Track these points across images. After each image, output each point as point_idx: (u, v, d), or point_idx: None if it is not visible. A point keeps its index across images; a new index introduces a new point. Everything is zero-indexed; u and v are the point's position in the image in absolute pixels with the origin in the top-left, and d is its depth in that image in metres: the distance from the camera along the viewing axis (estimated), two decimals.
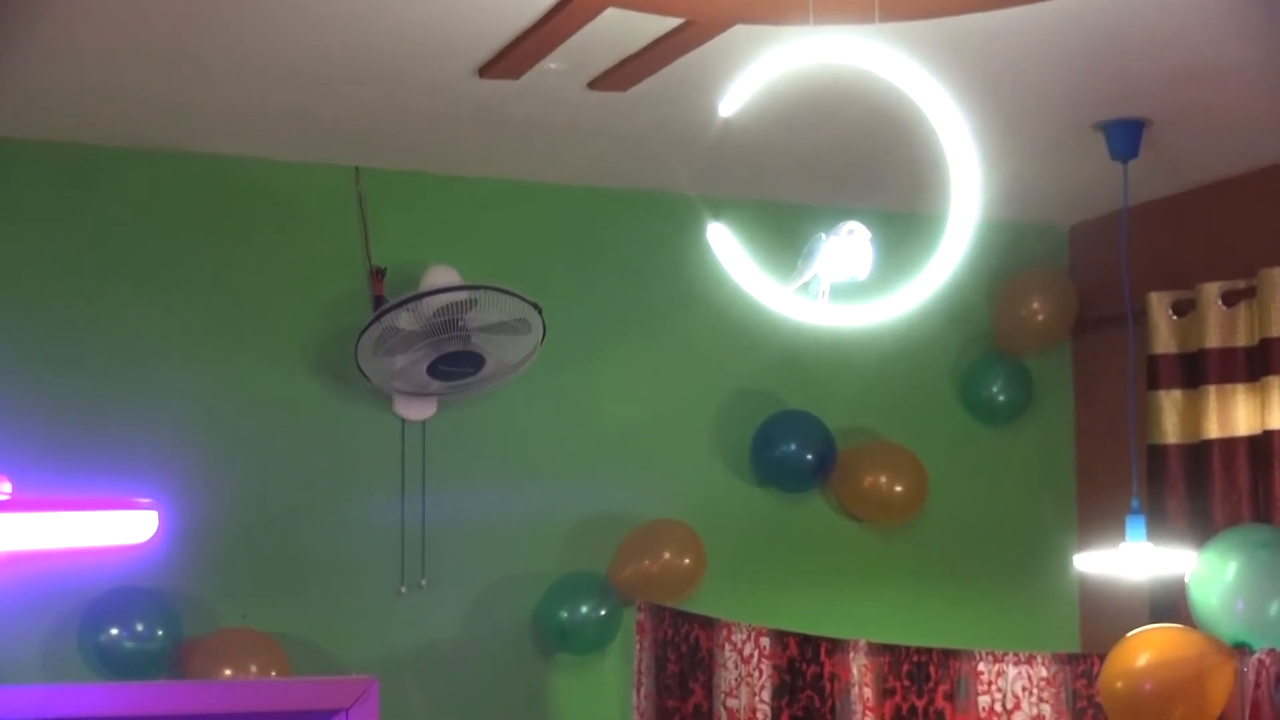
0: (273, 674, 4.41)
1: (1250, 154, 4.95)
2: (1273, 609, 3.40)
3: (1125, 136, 4.60)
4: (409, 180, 5.03)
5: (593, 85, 4.09)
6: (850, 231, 3.13)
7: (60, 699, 2.72)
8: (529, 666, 5.10)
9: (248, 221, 4.89)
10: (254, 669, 4.38)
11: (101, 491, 1.74)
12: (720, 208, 4.46)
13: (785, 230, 4.45)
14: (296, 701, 2.72)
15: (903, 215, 4.94)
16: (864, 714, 4.13)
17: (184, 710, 2.70)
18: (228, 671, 4.41)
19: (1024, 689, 3.75)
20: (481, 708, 5.03)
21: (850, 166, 4.83)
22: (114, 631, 4.53)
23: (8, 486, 1.47)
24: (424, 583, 4.95)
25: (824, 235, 3.16)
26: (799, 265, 3.20)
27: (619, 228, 5.27)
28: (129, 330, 4.71)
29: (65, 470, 4.09)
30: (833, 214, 3.71)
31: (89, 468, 4.33)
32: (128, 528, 1.47)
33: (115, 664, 4.49)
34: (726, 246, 3.23)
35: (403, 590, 4.94)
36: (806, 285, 3.19)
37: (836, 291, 3.21)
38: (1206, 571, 3.49)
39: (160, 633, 4.55)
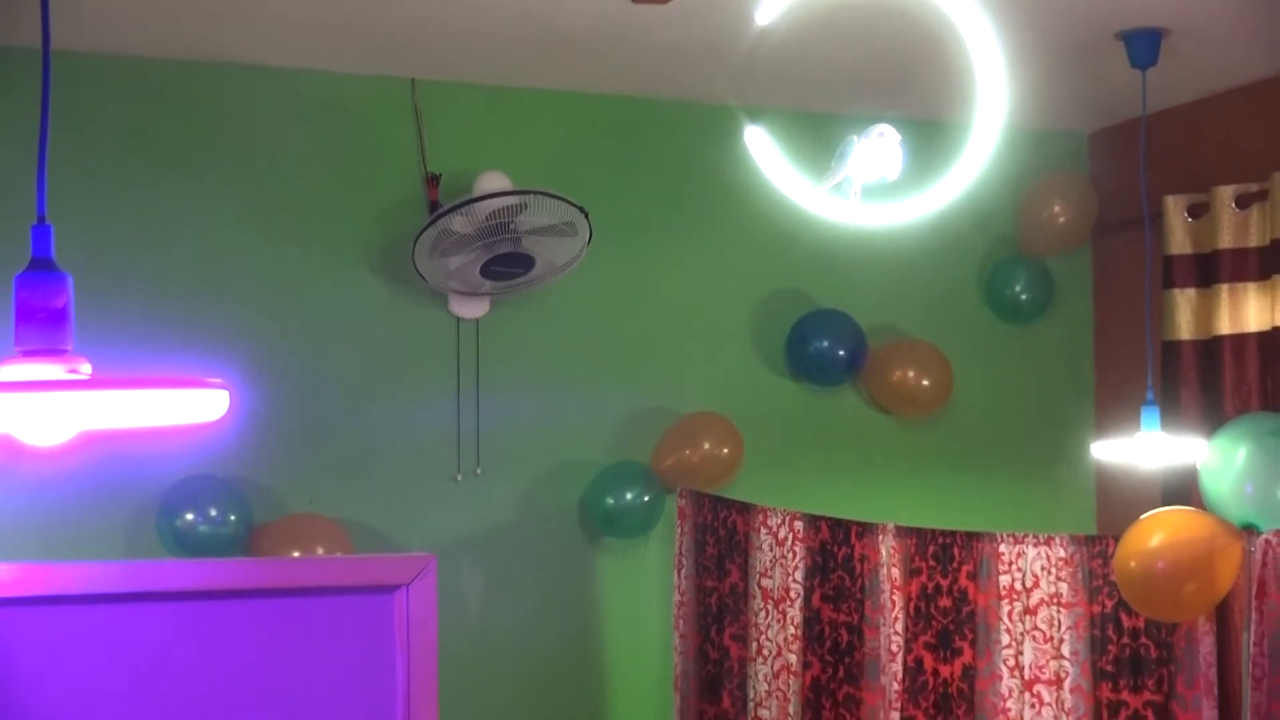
0: (337, 555, 4.47)
1: (1264, 63, 4.90)
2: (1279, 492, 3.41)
3: (1145, 45, 4.57)
4: (462, 91, 5.03)
5: (636, 1, 4.07)
6: (881, 134, 3.12)
7: (144, 573, 2.76)
8: (577, 549, 5.14)
9: (312, 131, 4.89)
10: (320, 551, 4.44)
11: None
12: (756, 115, 4.44)
13: (818, 138, 4.44)
14: (361, 577, 2.76)
15: (931, 123, 4.91)
16: (891, 593, 4.15)
17: (257, 584, 2.73)
18: (296, 554, 4.46)
19: (1043, 568, 3.76)
20: (532, 587, 5.08)
21: (881, 75, 4.80)
22: (190, 517, 4.57)
23: (88, 367, 1.48)
24: (478, 471, 4.99)
25: (855, 138, 3.16)
26: (831, 166, 3.20)
27: (661, 136, 5.26)
28: (201, 233, 4.74)
29: (142, 364, 4.13)
30: (864, 122, 3.70)
31: (164, 363, 4.37)
32: (201, 405, 1.49)
33: (191, 547, 4.54)
34: (763, 150, 3.23)
35: (458, 478, 4.98)
36: (839, 185, 3.19)
37: (867, 192, 3.21)
38: (1217, 458, 3.49)
39: (233, 518, 4.60)
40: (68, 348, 1.49)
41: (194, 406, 1.53)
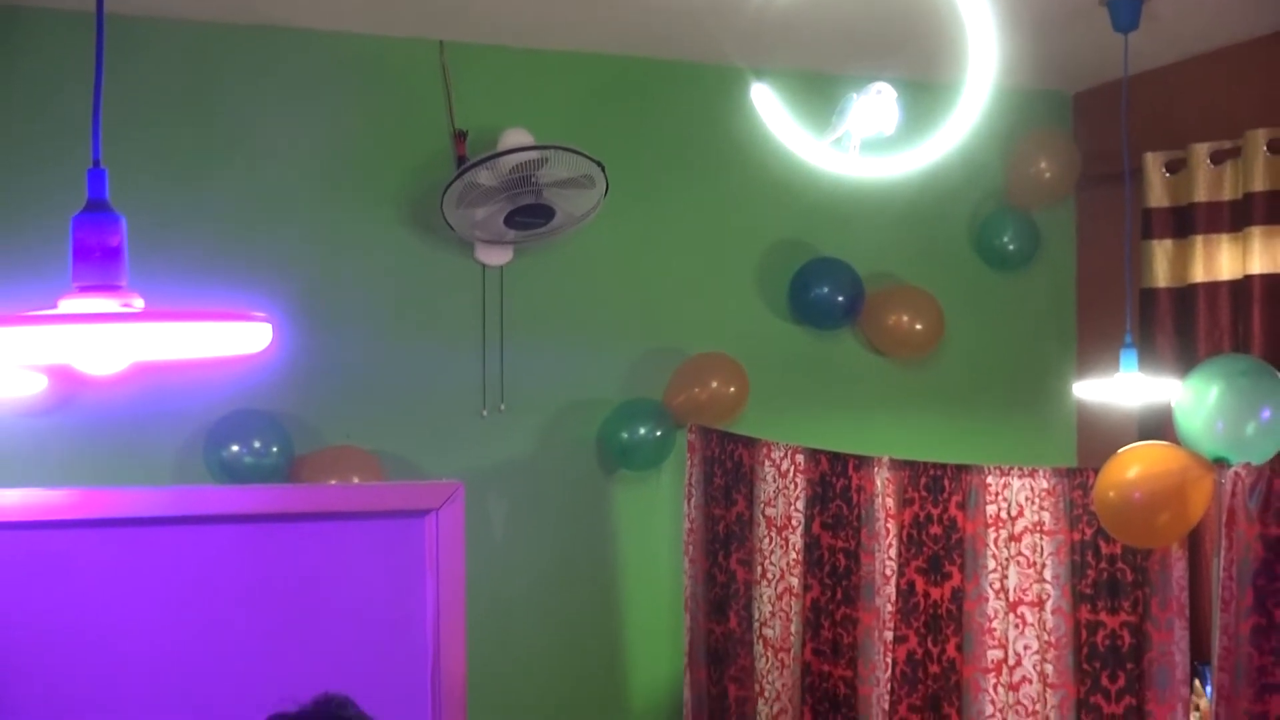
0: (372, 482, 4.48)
1: (1238, 28, 4.88)
2: (1249, 428, 3.40)
3: (1127, 10, 4.54)
4: (487, 53, 5.01)
5: None
6: (879, 91, 3.12)
7: (194, 498, 2.77)
8: (593, 481, 5.16)
9: (347, 90, 4.89)
10: (356, 480, 4.45)
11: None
12: (762, 75, 4.42)
13: (820, 96, 4.43)
14: (395, 502, 2.77)
15: (925, 83, 4.88)
16: (886, 521, 4.16)
17: (298, 509, 2.74)
18: (334, 483, 4.48)
19: (1027, 499, 3.77)
20: (552, 515, 5.10)
21: (879, 37, 4.77)
22: (235, 448, 4.59)
23: (140, 301, 1.48)
24: (502, 407, 5.00)
25: (855, 95, 3.15)
26: (832, 122, 3.19)
27: (673, 94, 5.24)
28: (244, 184, 4.74)
29: (190, 303, 4.14)
30: (863, 81, 3.69)
31: (210, 303, 4.38)
32: (245, 338, 1.49)
33: (236, 477, 4.55)
34: (768, 106, 3.22)
35: (484, 413, 4.99)
36: (839, 140, 3.19)
37: (866, 146, 3.20)
38: (1190, 396, 3.48)
39: (275, 449, 4.61)
40: (121, 284, 1.49)
41: (238, 339, 1.53)
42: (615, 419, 5.09)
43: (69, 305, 1.47)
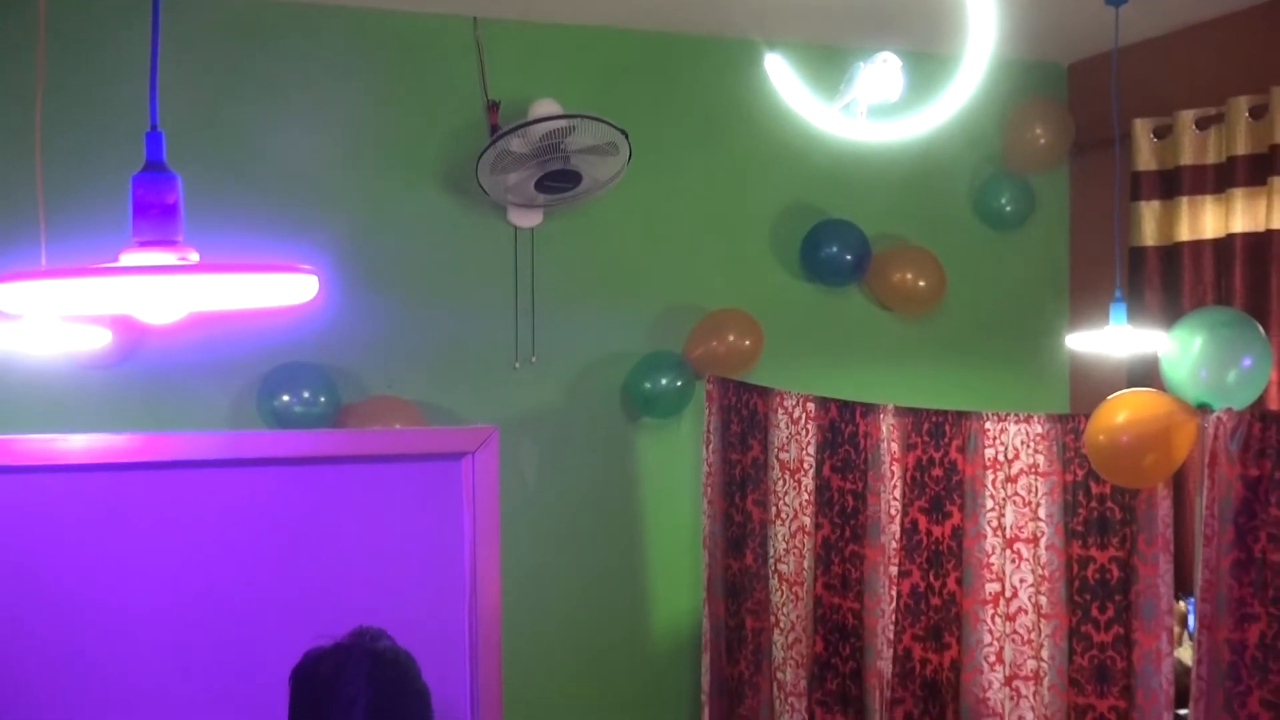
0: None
1: (1221, 1, 4.84)
2: (1230, 376, 3.39)
3: None
4: (517, 28, 4.99)
5: None
6: (884, 60, 3.09)
7: (250, 442, 2.78)
8: (618, 427, 5.17)
9: (388, 63, 4.88)
10: (398, 427, 4.46)
11: None
12: (775, 46, 4.39)
13: (828, 66, 4.40)
14: (435, 445, 2.77)
15: (928, 54, 4.85)
16: (890, 464, 4.16)
17: (346, 452, 2.75)
18: (378, 429, 4.49)
19: (1022, 443, 3.76)
20: (580, 460, 5.11)
21: (885, 10, 4.73)
22: (285, 398, 4.60)
23: (195, 255, 1.48)
24: (533, 359, 5.00)
25: (862, 64, 3.13)
26: (841, 89, 3.17)
27: (692, 66, 5.22)
28: (295, 151, 4.74)
29: (240, 258, 4.16)
30: (869, 52, 3.67)
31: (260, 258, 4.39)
32: (294, 288, 1.49)
33: (286, 425, 4.56)
34: (781, 75, 3.20)
35: (516, 365, 4.99)
36: (847, 106, 3.17)
37: (872, 112, 3.18)
38: (1175, 347, 3.46)
39: (322, 399, 4.62)
40: (178, 239, 1.50)
41: (286, 289, 1.54)
42: (638, 370, 5.09)
43: (129, 258, 1.48)
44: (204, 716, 2.63)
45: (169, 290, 1.52)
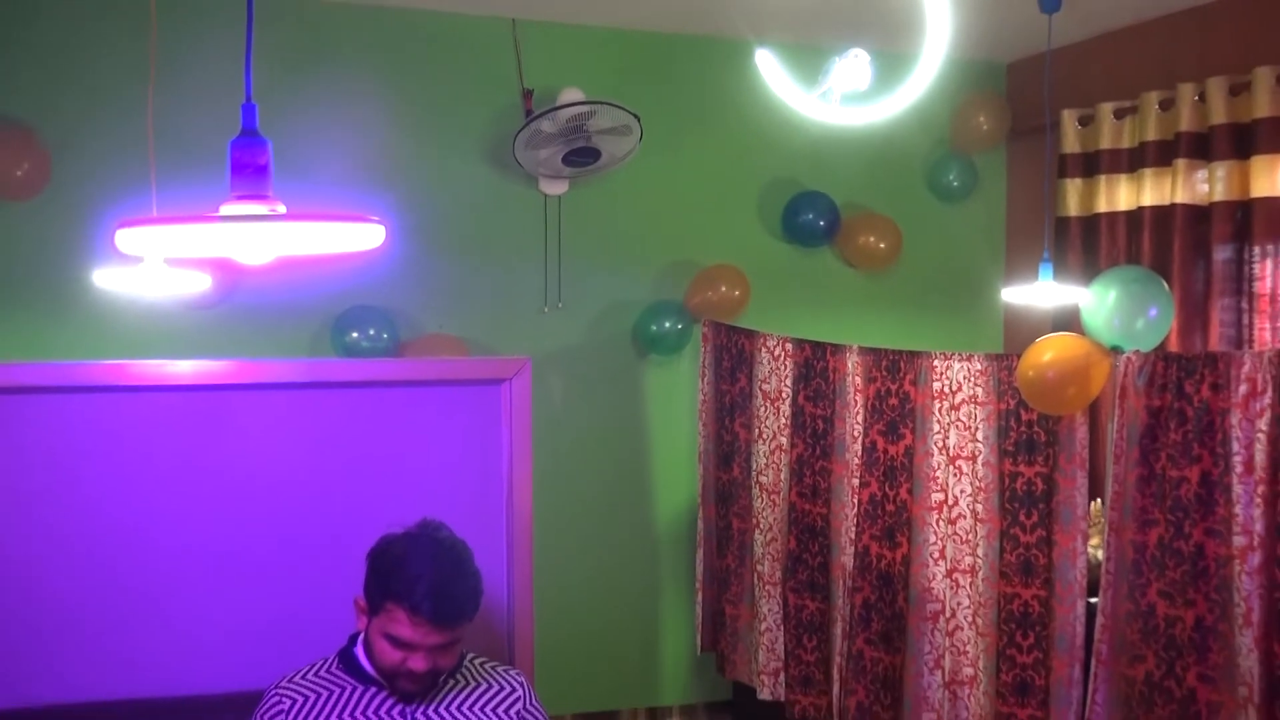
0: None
1: (1139, 11, 4.81)
2: (1139, 323, 3.38)
3: None
4: (549, 28, 4.97)
5: None
6: (855, 55, 3.06)
7: (325, 368, 2.78)
8: (629, 362, 5.17)
9: (441, 57, 4.87)
10: (448, 358, 4.46)
11: None
12: (764, 44, 4.36)
13: (808, 62, 4.36)
14: (478, 373, 2.77)
15: (891, 53, 4.79)
16: (854, 394, 4.15)
17: (404, 377, 2.75)
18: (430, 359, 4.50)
19: (964, 377, 3.75)
20: (597, 389, 5.13)
21: (856, 15, 4.69)
22: (354, 335, 4.61)
23: (283, 207, 1.48)
24: (560, 305, 5.01)
25: (836, 58, 3.09)
26: (819, 80, 3.14)
27: (695, 61, 5.19)
28: (365, 127, 4.74)
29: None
30: (842, 50, 3.63)
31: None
32: (365, 235, 1.48)
33: (355, 356, 4.58)
34: (768, 68, 3.17)
35: (545, 310, 5.00)
36: (824, 94, 3.13)
37: (845, 100, 3.15)
38: (1094, 298, 3.45)
39: (385, 336, 4.63)
40: (268, 194, 1.49)
41: (358, 236, 1.53)
42: (646, 315, 5.09)
43: (228, 209, 1.48)
44: (301, 593, 2.65)
45: (261, 236, 1.53)
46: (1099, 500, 4.03)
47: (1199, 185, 4.56)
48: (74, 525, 2.52)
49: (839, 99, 3.11)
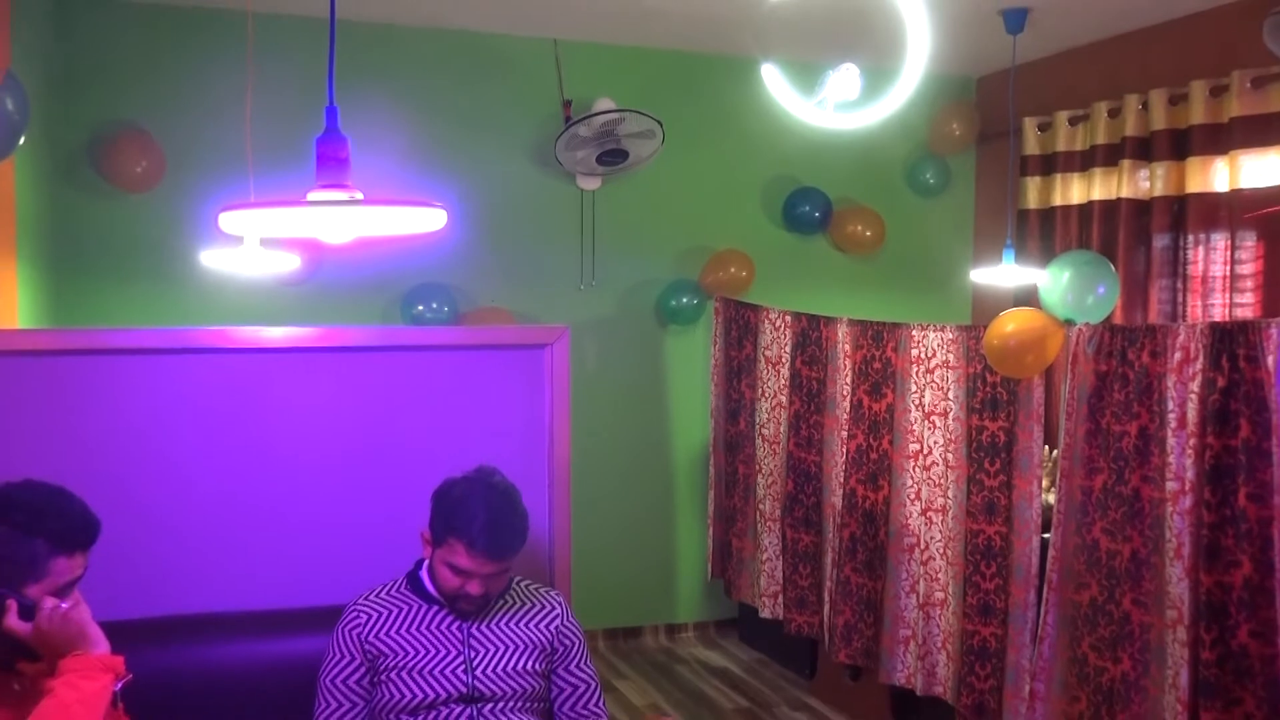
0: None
1: (1094, 31, 4.76)
2: (1089, 300, 3.34)
3: (1016, 19, 4.42)
4: (585, 47, 4.94)
5: None
6: (847, 69, 3.02)
7: (395, 334, 2.78)
8: (652, 332, 5.16)
9: (494, 71, 4.85)
10: (499, 326, 4.47)
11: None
12: (768, 59, 4.33)
13: (806, 75, 4.33)
14: (524, 339, 2.76)
15: (878, 68, 4.75)
16: (844, 359, 4.13)
17: (462, 342, 2.74)
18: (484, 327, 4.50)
19: (939, 345, 3.72)
20: (625, 354, 5.12)
21: (847, 36, 4.64)
22: (420, 308, 4.62)
23: (360, 195, 1.47)
24: (593, 282, 5.00)
25: (830, 71, 3.06)
26: (815, 91, 3.11)
27: (709, 75, 5.15)
28: (430, 130, 4.73)
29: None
30: (835, 65, 3.60)
31: None
32: (430, 218, 1.48)
33: (421, 324, 4.58)
34: (772, 79, 3.14)
35: (581, 286, 4.99)
36: (820, 102, 3.10)
37: (838, 107, 3.12)
38: (1050, 278, 3.42)
39: (445, 308, 4.63)
40: (348, 183, 1.49)
41: (425, 219, 1.52)
42: (666, 292, 5.08)
43: (315, 196, 1.47)
44: (375, 526, 2.66)
45: (342, 219, 1.52)
46: (1052, 450, 4.01)
47: (1141, 182, 4.51)
48: (190, 466, 2.53)
49: (832, 107, 3.08)
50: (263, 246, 3.36)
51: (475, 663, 2.30)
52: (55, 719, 1.68)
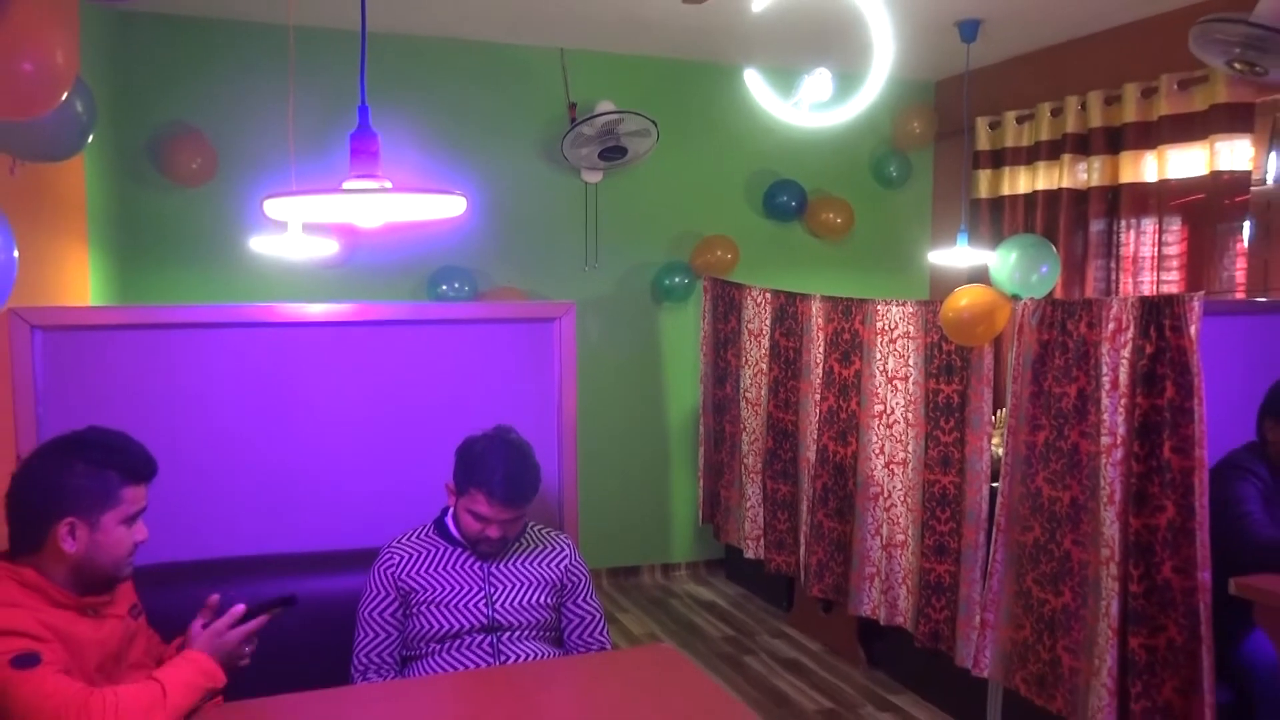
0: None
1: (1039, 40, 4.72)
2: (1033, 278, 3.32)
3: (970, 29, 4.38)
4: (588, 55, 4.89)
5: (685, 1, 3.91)
6: (820, 73, 2.99)
7: (422, 310, 2.76)
8: (649, 308, 5.14)
9: (507, 78, 4.79)
10: (513, 302, 4.45)
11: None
12: (751, 65, 4.30)
13: (784, 79, 4.29)
14: (535, 314, 2.74)
15: (848, 73, 4.73)
16: (817, 331, 4.12)
17: (482, 317, 2.73)
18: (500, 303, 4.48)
19: (901, 318, 3.71)
20: (625, 328, 5.10)
21: (820, 43, 4.60)
22: (444, 287, 4.59)
23: (389, 184, 1.45)
24: (596, 264, 4.97)
25: (806, 75, 3.03)
26: (792, 93, 3.08)
27: (698, 79, 5.10)
28: (449, 130, 4.68)
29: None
30: (810, 70, 3.57)
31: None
32: (451, 205, 1.46)
33: (445, 301, 4.57)
34: (755, 83, 3.11)
35: (585, 268, 4.96)
36: (797, 103, 3.08)
37: (813, 108, 3.10)
38: (998, 260, 3.40)
39: (466, 288, 4.61)
40: (379, 173, 1.47)
41: (447, 206, 1.51)
42: (661, 272, 5.05)
43: (349, 185, 1.46)
44: (405, 478, 2.66)
45: (373, 205, 1.50)
46: (1001, 410, 4.01)
47: (1080, 174, 4.49)
48: (241, 426, 2.53)
49: (807, 108, 3.06)
50: (304, 233, 3.34)
51: (495, 597, 2.30)
52: (146, 704, 1.65)
